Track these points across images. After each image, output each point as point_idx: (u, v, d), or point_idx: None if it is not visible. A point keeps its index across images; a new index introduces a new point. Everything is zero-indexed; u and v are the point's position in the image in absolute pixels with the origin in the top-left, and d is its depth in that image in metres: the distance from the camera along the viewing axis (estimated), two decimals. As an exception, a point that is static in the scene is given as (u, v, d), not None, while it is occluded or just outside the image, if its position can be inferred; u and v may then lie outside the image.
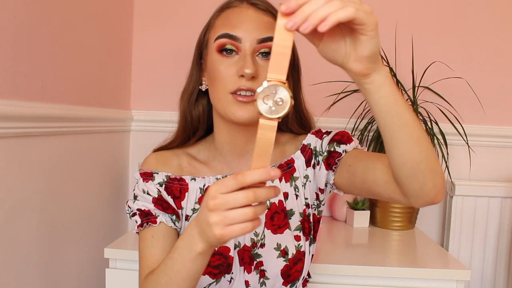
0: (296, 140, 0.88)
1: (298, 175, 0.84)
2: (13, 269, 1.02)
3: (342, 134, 0.82)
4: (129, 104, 1.71)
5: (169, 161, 0.84)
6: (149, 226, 0.79)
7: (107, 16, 1.46)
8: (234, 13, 0.76)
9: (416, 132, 0.59)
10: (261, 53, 0.74)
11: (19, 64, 1.00)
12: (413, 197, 0.65)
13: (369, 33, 0.51)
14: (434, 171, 0.62)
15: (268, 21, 0.75)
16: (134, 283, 1.16)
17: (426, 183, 0.62)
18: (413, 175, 0.62)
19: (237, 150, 0.83)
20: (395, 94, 0.57)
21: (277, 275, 0.79)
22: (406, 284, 1.13)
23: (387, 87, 0.56)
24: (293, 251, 0.80)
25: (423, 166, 0.61)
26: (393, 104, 0.57)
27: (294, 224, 0.82)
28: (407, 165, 0.61)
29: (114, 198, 1.60)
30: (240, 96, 0.72)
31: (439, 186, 0.63)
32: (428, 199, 0.64)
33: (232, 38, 0.73)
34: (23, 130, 1.01)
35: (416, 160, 0.60)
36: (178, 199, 0.82)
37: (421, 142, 0.60)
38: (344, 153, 0.79)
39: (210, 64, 0.77)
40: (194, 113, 0.84)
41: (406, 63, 1.59)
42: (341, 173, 0.80)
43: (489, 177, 1.68)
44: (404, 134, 0.59)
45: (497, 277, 1.63)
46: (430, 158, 0.61)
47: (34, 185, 1.09)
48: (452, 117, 1.58)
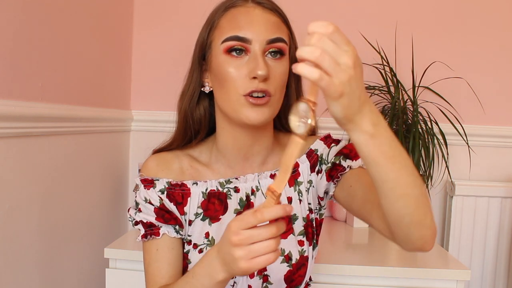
0: None
1: (302, 180, 0.82)
2: (13, 269, 1.02)
3: (350, 148, 0.80)
4: (129, 104, 1.71)
5: (170, 164, 0.82)
6: (152, 238, 0.78)
7: (107, 16, 1.46)
8: (241, 13, 0.73)
9: (399, 189, 0.58)
10: (270, 53, 0.73)
11: (19, 64, 1.00)
12: (401, 242, 0.66)
13: (330, 99, 0.50)
14: (420, 224, 0.61)
15: (276, 21, 0.74)
16: (134, 283, 1.16)
17: (411, 234, 0.62)
18: (397, 225, 0.62)
19: (242, 153, 0.81)
20: (374, 153, 0.55)
21: (280, 280, 0.79)
22: (406, 284, 1.13)
23: (365, 147, 0.55)
24: (296, 257, 0.79)
25: (407, 220, 0.60)
26: (374, 159, 0.55)
27: (298, 229, 0.81)
28: (391, 216, 0.61)
29: (114, 198, 1.60)
30: (253, 98, 0.70)
31: (427, 238, 0.63)
32: (414, 247, 0.65)
33: (241, 40, 0.71)
34: (23, 130, 1.01)
35: (399, 214, 0.60)
36: (180, 205, 0.80)
37: (405, 198, 0.58)
38: (348, 168, 0.78)
39: (217, 66, 0.74)
40: (196, 115, 0.82)
41: (406, 63, 1.59)
42: (341, 189, 0.79)
43: (489, 177, 1.68)
44: (385, 189, 0.58)
45: (497, 277, 1.63)
46: (416, 213, 0.60)
47: (34, 185, 1.09)
48: (452, 117, 1.58)
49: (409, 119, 1.52)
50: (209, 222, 0.79)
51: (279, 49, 0.72)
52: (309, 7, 1.66)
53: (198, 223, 0.79)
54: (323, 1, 1.66)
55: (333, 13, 1.66)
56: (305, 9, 1.65)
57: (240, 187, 0.80)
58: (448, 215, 1.64)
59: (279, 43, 0.72)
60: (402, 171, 0.57)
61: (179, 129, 0.83)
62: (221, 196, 0.80)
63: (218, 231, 0.78)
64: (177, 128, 0.84)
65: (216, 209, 0.79)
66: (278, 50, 0.72)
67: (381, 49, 1.58)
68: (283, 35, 0.73)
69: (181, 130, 0.83)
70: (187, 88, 0.81)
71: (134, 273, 1.16)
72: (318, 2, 1.66)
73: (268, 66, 0.71)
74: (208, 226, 0.79)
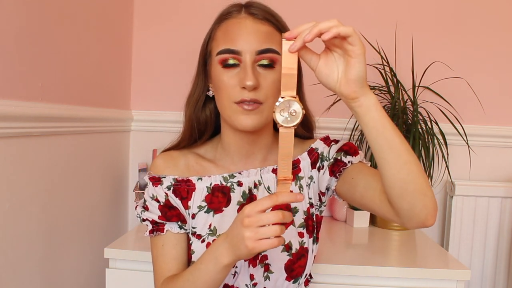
0: (303, 144, 0.90)
1: (303, 175, 0.87)
2: (13, 268, 1.02)
3: (349, 145, 0.86)
4: (129, 104, 1.71)
5: (177, 162, 0.88)
6: (158, 234, 0.84)
7: (107, 16, 1.46)
8: (233, 25, 0.78)
9: (404, 155, 0.65)
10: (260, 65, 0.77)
11: (19, 64, 1.00)
12: (405, 217, 0.69)
13: (358, 56, 0.59)
14: (423, 194, 0.66)
15: (267, 31, 0.77)
16: (134, 283, 1.16)
17: (415, 204, 0.66)
18: (402, 195, 0.66)
19: (243, 151, 0.86)
20: (383, 118, 0.63)
21: (281, 269, 0.82)
22: (406, 284, 1.13)
23: (374, 111, 0.63)
24: (296, 247, 0.83)
25: (411, 187, 0.65)
26: (381, 127, 0.63)
27: (298, 221, 0.85)
28: (397, 185, 0.66)
29: (114, 198, 1.60)
30: (244, 104, 0.76)
31: (430, 208, 0.67)
32: (419, 220, 0.68)
33: (233, 52, 0.76)
34: (23, 130, 1.01)
35: (405, 180, 0.65)
36: (185, 200, 0.85)
37: (409, 165, 0.65)
38: (349, 163, 0.83)
39: (214, 75, 0.80)
40: (202, 118, 0.87)
41: (406, 63, 1.59)
42: (343, 183, 0.83)
43: (489, 177, 1.68)
44: (392, 156, 0.64)
45: (497, 277, 1.63)
46: (418, 180, 0.66)
47: (34, 185, 1.09)
48: (452, 117, 1.58)
49: (409, 119, 1.52)
50: (213, 214, 0.84)
51: (269, 60, 0.76)
52: (309, 7, 1.66)
53: (202, 215, 0.84)
54: (323, 1, 1.66)
55: (333, 13, 1.66)
56: (305, 9, 1.65)
57: (243, 181, 0.85)
58: (448, 215, 1.64)
59: (269, 54, 0.76)
60: (402, 138, 0.65)
61: (186, 131, 0.89)
62: (224, 190, 0.85)
63: (220, 221, 0.83)
64: (183, 130, 0.89)
65: (220, 201, 0.84)
66: (269, 61, 0.76)
67: (381, 49, 1.58)
68: (274, 45, 0.77)
69: (187, 131, 0.88)
70: (193, 93, 0.87)
71: (134, 273, 1.17)
72: (318, 2, 1.66)
73: (257, 76, 0.75)
74: (212, 218, 0.84)
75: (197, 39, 0.87)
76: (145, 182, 0.88)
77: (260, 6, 0.80)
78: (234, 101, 0.76)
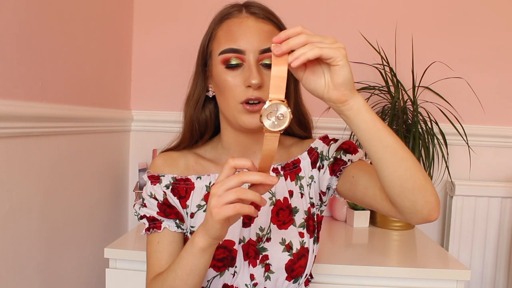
0: (302, 143, 0.91)
1: (304, 175, 0.87)
2: (13, 269, 1.02)
3: (349, 144, 0.85)
4: (129, 104, 1.71)
5: (176, 162, 0.88)
6: (154, 231, 0.84)
7: (107, 16, 1.46)
8: (235, 24, 0.78)
9: (399, 152, 0.64)
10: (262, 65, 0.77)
11: (19, 64, 1.00)
12: (408, 214, 0.68)
13: (339, 63, 0.59)
14: (423, 189, 0.65)
15: (268, 30, 0.78)
16: (134, 283, 1.16)
17: (417, 200, 0.66)
18: (403, 193, 0.66)
19: (244, 150, 0.86)
20: (373, 118, 0.63)
21: (281, 269, 0.82)
22: (406, 284, 1.13)
23: (365, 112, 0.63)
24: (297, 246, 0.82)
25: (411, 184, 0.65)
26: (373, 128, 0.63)
27: (299, 221, 0.85)
28: (396, 184, 0.65)
29: (114, 198, 1.60)
30: (249, 105, 0.76)
31: (432, 203, 0.67)
32: (422, 216, 0.67)
33: (236, 52, 0.76)
34: (23, 130, 1.01)
35: (403, 178, 0.65)
36: (183, 199, 0.85)
37: (406, 161, 0.65)
38: (349, 162, 0.83)
39: (216, 75, 0.80)
40: (202, 118, 0.88)
41: (406, 63, 1.59)
42: (344, 181, 0.83)
43: (489, 177, 1.68)
44: (388, 154, 0.64)
45: (497, 277, 1.63)
46: (417, 176, 0.65)
47: (34, 185, 1.09)
48: (452, 117, 1.58)
49: (409, 119, 1.52)
50: None
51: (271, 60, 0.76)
52: (309, 7, 1.66)
53: (201, 214, 0.84)
54: (323, 2, 1.66)
55: (333, 13, 1.66)
56: (305, 9, 1.65)
57: None
58: (448, 215, 1.64)
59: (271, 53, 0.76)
60: (395, 136, 0.65)
61: (186, 132, 0.89)
62: None
63: None
64: (184, 131, 0.89)
65: None
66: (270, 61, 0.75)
67: (381, 49, 1.58)
68: None
69: (187, 133, 0.89)
70: (192, 94, 0.87)
71: (134, 273, 1.17)
72: (318, 3, 1.66)
73: (261, 75, 0.76)
74: None
75: (197, 39, 0.87)
76: (145, 182, 0.88)
77: (259, 6, 0.81)
78: (239, 101, 0.77)
